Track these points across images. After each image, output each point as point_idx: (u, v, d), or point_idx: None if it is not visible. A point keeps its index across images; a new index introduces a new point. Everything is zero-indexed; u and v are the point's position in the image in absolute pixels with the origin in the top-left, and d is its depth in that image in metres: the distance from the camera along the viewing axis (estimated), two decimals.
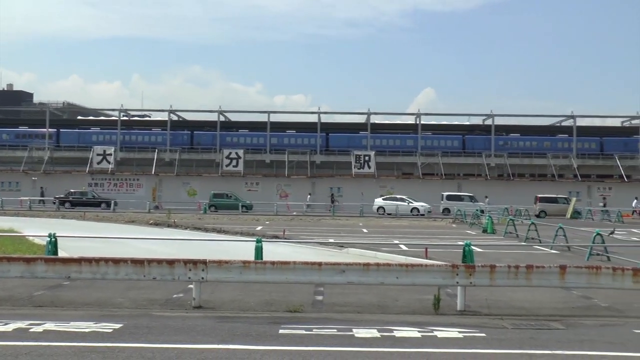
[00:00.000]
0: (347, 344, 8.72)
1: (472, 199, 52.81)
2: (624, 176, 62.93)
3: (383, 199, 53.89)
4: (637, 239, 28.47)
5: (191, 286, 12.02)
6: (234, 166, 63.47)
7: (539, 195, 54.10)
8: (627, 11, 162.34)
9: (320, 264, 11.95)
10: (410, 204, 51.67)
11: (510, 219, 30.87)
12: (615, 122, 72.02)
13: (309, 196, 59.91)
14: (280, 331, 9.49)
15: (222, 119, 68.14)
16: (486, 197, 55.15)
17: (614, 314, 11.88)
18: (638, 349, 8.81)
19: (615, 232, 28.91)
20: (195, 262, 11.74)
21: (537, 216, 49.38)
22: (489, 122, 66.87)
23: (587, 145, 66.54)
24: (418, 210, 50.97)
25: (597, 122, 75.23)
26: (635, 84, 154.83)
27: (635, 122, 67.14)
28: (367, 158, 63.31)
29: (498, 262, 13.07)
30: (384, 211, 51.67)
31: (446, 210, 51.66)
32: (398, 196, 53.68)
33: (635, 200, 54.92)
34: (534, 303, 12.64)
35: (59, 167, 65.04)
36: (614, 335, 9.73)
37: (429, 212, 51.06)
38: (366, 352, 8.30)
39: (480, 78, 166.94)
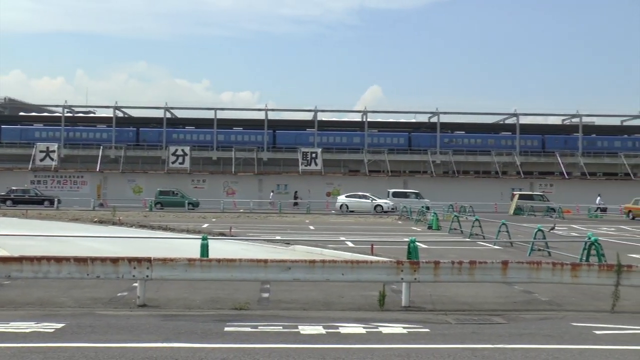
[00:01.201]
0: (292, 341, 8.75)
1: (417, 195, 53.31)
2: (565, 173, 64.47)
3: (346, 196, 53.18)
4: (577, 235, 29.19)
5: (136, 284, 11.90)
6: (180, 163, 62.97)
7: (515, 192, 55.14)
8: (569, 12, 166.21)
9: (266, 261, 11.97)
10: (374, 202, 51.36)
11: (455, 216, 31.32)
12: (556, 120, 73.81)
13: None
14: (226, 329, 9.47)
15: (168, 115, 67.42)
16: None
17: (554, 307, 12.18)
18: (575, 341, 9.07)
19: (556, 227, 29.70)
20: (139, 260, 11.64)
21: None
22: (434, 119, 67.74)
23: (529, 143, 68.02)
24: (382, 208, 50.54)
25: (539, 120, 77.29)
26: (575, 84, 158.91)
27: (575, 120, 68.86)
28: (314, 155, 63.46)
29: (442, 258, 13.23)
30: (347, 208, 51.06)
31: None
32: (360, 193, 53.48)
33: (599, 197, 56.08)
34: (477, 298, 12.87)
35: (0, 165, 63.46)
36: (553, 328, 9.98)
37: (392, 209, 50.63)
38: (311, 348, 8.34)
39: (427, 76, 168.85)
